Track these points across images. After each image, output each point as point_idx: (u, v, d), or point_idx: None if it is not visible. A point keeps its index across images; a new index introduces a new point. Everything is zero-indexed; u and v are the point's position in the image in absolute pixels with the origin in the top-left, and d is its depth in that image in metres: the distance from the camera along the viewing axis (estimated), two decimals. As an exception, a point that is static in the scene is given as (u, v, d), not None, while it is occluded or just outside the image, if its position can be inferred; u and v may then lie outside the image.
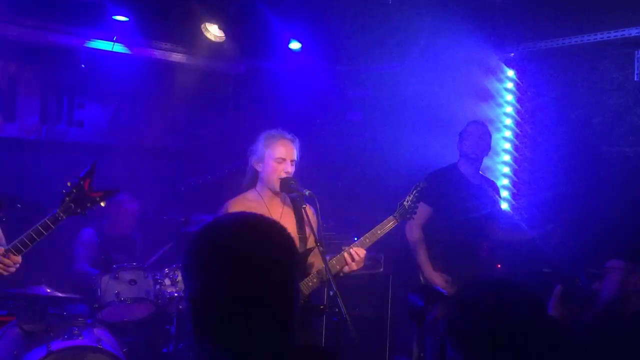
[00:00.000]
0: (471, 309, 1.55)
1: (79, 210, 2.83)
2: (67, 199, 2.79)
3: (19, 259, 2.81)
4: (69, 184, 2.82)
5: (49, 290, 4.36)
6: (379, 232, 3.50)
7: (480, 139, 4.40)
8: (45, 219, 2.79)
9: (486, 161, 5.19)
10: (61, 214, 2.79)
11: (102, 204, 2.91)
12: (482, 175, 4.59)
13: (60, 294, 4.43)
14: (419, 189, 3.60)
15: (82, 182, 2.83)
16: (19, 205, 3.62)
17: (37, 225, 2.79)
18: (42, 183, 4.34)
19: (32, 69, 5.43)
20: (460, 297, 1.63)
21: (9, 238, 3.15)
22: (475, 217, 4.27)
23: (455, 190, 4.31)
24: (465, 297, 1.60)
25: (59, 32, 5.30)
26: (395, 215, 3.54)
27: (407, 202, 3.57)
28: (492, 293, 1.57)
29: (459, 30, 4.70)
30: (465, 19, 4.66)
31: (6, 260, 2.76)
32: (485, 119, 5.18)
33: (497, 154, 5.15)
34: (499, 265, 4.65)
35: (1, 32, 5.10)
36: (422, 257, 4.29)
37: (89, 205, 2.84)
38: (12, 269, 2.82)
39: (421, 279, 4.37)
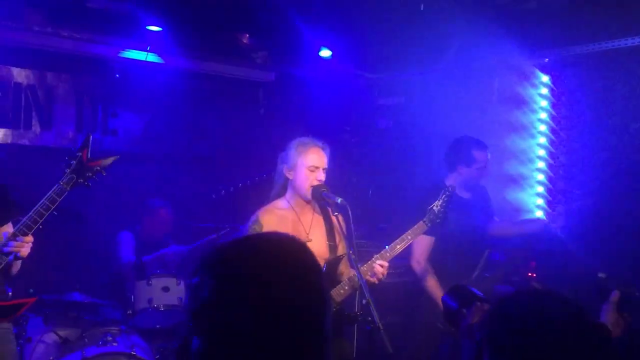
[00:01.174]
0: (512, 321, 1.50)
1: (81, 181, 2.86)
2: (68, 170, 2.83)
3: (30, 237, 2.82)
4: (67, 157, 2.86)
5: (83, 297, 4.43)
6: (409, 237, 3.49)
7: (486, 168, 4.21)
8: (50, 192, 2.82)
9: (520, 168, 5.11)
10: (65, 186, 2.83)
11: (103, 173, 2.93)
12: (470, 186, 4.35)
13: (94, 300, 4.49)
14: (447, 193, 3.59)
15: (79, 154, 2.86)
16: (55, 213, 3.68)
17: (44, 199, 2.81)
18: (76, 190, 4.40)
19: (68, 78, 5.55)
20: (500, 308, 1.59)
21: (47, 246, 3.19)
22: (471, 233, 4.16)
23: (451, 212, 4.14)
24: (505, 309, 1.56)
25: (94, 42, 5.41)
26: (425, 220, 3.54)
27: (437, 206, 3.56)
28: (533, 305, 1.52)
29: (491, 36, 4.64)
30: (498, 24, 4.61)
31: (17, 243, 2.77)
32: (519, 125, 5.10)
33: (531, 161, 5.05)
34: (534, 275, 4.55)
35: (39, 43, 5.22)
36: (434, 286, 4.13)
37: (89, 174, 2.88)
38: (26, 249, 2.82)
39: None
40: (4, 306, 2.92)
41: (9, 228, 3.02)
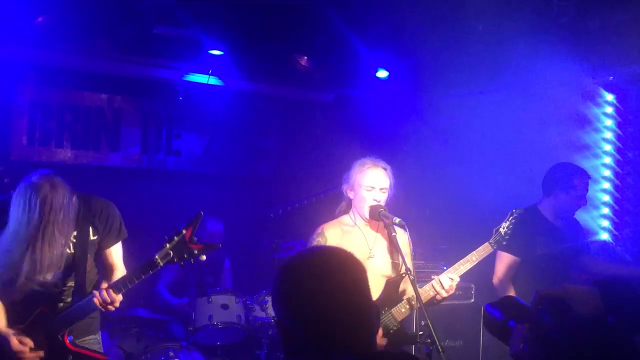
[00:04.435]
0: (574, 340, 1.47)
1: (176, 260, 2.73)
2: (168, 245, 2.72)
3: (119, 297, 2.83)
4: (174, 230, 2.75)
5: (147, 313, 4.55)
6: (474, 258, 3.46)
7: (584, 197, 4.08)
8: (143, 264, 2.76)
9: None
10: (159, 261, 2.73)
11: (202, 258, 2.76)
12: (565, 215, 4.25)
13: (157, 316, 4.61)
14: (515, 215, 3.54)
15: (184, 231, 2.74)
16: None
17: (138, 270, 2.79)
18: (143, 209, 4.55)
19: (135, 101, 5.79)
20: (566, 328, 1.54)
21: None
22: (559, 260, 4.04)
23: (541, 236, 4.05)
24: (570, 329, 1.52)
25: (159, 66, 5.63)
26: (491, 241, 3.50)
27: (503, 228, 3.52)
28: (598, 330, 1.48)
29: (552, 54, 4.56)
30: (560, 43, 4.52)
31: (108, 298, 2.79)
32: (582, 145, 4.97)
33: (596, 181, 4.90)
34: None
35: (108, 69, 5.48)
36: None
37: (186, 256, 2.73)
38: (112, 307, 2.84)
39: None
40: (82, 354, 2.97)
41: (117, 253, 3.14)
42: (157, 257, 2.75)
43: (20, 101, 5.32)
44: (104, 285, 2.82)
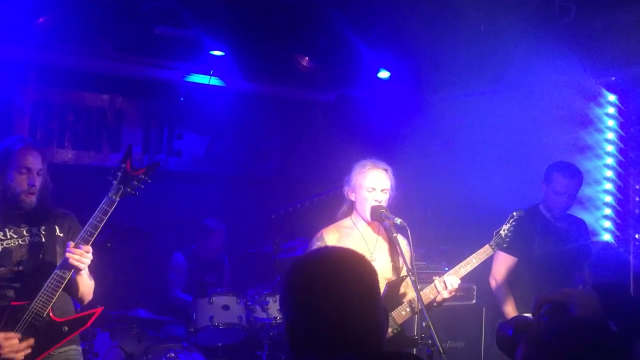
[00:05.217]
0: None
1: (128, 190, 2.91)
2: (115, 181, 2.89)
3: (89, 248, 2.90)
4: (112, 170, 2.93)
5: (148, 313, 4.55)
6: (474, 260, 3.45)
7: (564, 195, 4.02)
8: (102, 205, 2.89)
9: (585, 190, 4.95)
10: (114, 196, 2.88)
11: (148, 180, 2.95)
12: (568, 215, 4.22)
13: (159, 317, 4.61)
14: (515, 217, 3.53)
15: (123, 165, 2.91)
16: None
17: (97, 212, 2.89)
18: (144, 209, 4.55)
19: (136, 102, 5.79)
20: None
21: (114, 263, 3.30)
22: (558, 261, 4.01)
23: (539, 236, 4.03)
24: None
25: (160, 67, 5.63)
26: (491, 244, 3.50)
27: (504, 230, 3.51)
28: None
29: (554, 55, 4.55)
30: (562, 43, 4.51)
31: (78, 251, 2.85)
32: (584, 145, 4.96)
33: (598, 182, 4.89)
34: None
35: (109, 69, 5.48)
36: (509, 308, 4.04)
37: (136, 183, 2.92)
38: (87, 259, 2.90)
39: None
40: (74, 319, 3.02)
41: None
42: (110, 194, 2.90)
43: (21, 101, 5.32)
44: (72, 244, 2.87)
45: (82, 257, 2.86)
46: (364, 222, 3.44)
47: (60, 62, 5.29)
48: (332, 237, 3.40)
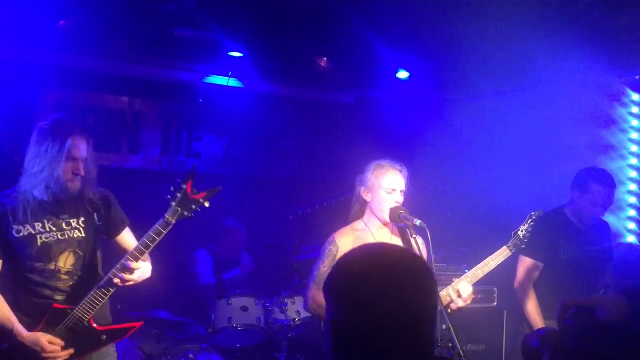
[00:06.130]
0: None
1: (185, 213, 2.85)
2: (173, 203, 2.83)
3: (137, 265, 2.89)
4: (172, 189, 2.86)
5: (167, 314, 4.56)
6: (491, 262, 3.40)
7: (599, 206, 3.92)
8: (157, 225, 2.85)
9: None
10: (170, 219, 2.83)
11: (207, 204, 2.89)
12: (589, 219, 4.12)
13: (178, 318, 4.62)
14: (534, 218, 3.48)
15: (184, 186, 2.85)
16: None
17: (150, 232, 2.86)
18: (163, 210, 4.56)
19: (155, 104, 5.83)
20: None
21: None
22: (583, 265, 3.93)
23: (565, 240, 3.96)
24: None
25: (179, 69, 5.66)
26: (509, 245, 3.45)
27: (522, 231, 3.47)
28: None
29: (577, 54, 4.47)
30: (585, 42, 4.43)
31: (127, 275, 2.86)
32: (607, 146, 4.87)
33: (622, 183, 4.79)
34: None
35: (129, 71, 5.53)
36: (533, 312, 3.97)
37: (194, 207, 2.86)
38: (135, 277, 2.90)
39: (525, 327, 4.08)
40: (113, 329, 3.03)
41: (129, 236, 3.20)
42: (167, 216, 2.85)
43: (43, 104, 5.38)
44: (118, 269, 2.87)
45: (125, 279, 2.89)
46: (378, 224, 3.39)
47: (80, 64, 5.34)
48: (344, 239, 3.34)
